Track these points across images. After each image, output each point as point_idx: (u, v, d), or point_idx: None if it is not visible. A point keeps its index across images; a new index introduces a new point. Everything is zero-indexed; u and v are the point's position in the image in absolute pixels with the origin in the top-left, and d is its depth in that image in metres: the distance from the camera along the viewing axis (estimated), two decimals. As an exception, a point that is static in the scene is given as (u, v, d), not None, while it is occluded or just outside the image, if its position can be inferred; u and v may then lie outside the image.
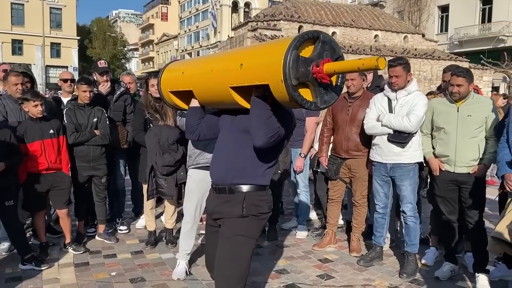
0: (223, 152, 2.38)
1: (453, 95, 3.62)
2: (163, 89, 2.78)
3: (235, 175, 2.31)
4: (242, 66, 2.07)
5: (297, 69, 1.85)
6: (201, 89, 2.44)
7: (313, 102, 1.95)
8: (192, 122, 2.57)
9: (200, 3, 56.44)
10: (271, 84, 1.92)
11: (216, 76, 2.28)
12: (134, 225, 5.15)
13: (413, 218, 3.85)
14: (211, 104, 2.52)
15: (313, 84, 1.92)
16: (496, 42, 27.95)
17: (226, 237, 2.30)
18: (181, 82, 2.59)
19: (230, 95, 2.19)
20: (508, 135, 3.23)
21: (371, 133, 3.90)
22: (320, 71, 1.87)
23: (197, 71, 2.50)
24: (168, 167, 4.20)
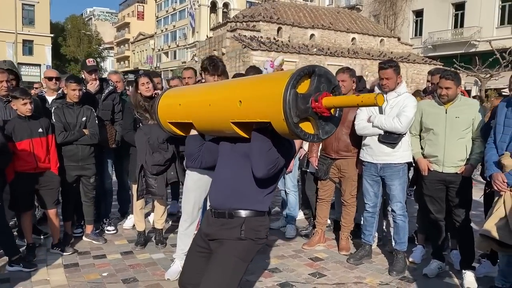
0: (223, 176, 2.36)
1: (442, 98, 3.73)
2: (161, 119, 2.75)
3: (235, 200, 2.29)
4: (241, 103, 2.08)
5: (297, 107, 1.87)
6: (200, 122, 2.44)
7: (315, 135, 1.98)
8: (193, 150, 2.54)
9: (177, 2, 56.11)
10: (273, 122, 1.94)
11: (215, 110, 2.27)
12: (121, 226, 5.09)
13: (402, 217, 3.94)
14: (212, 134, 2.53)
15: (314, 117, 1.95)
16: (468, 46, 28.80)
17: (221, 255, 2.27)
18: (180, 114, 2.57)
19: (231, 128, 2.20)
20: (495, 136, 3.36)
21: (362, 134, 3.98)
22: (319, 106, 1.90)
23: (195, 104, 2.47)
24: (158, 166, 4.18)
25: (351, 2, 36.90)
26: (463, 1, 29.41)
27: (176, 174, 4.32)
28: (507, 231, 3.06)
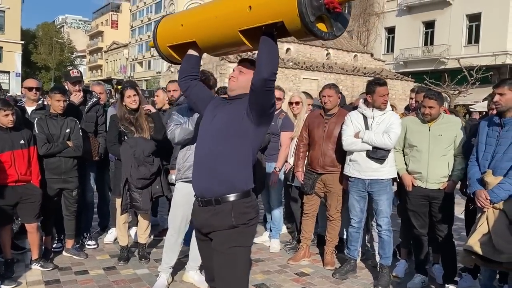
0: (203, 162, 2.36)
1: (425, 116, 3.85)
2: (161, 44, 2.74)
3: (220, 185, 2.29)
4: (251, 8, 2.10)
5: (311, 5, 1.91)
6: (205, 38, 2.44)
7: (329, 32, 2.03)
8: (185, 66, 2.62)
9: (152, 12, 55.87)
10: (286, 21, 1.97)
11: (222, 22, 2.29)
12: (102, 240, 4.97)
13: (387, 232, 4.01)
14: (216, 49, 2.56)
15: (326, 15, 1.99)
16: (437, 63, 29.75)
17: (220, 251, 2.29)
18: (182, 35, 2.56)
19: (238, 38, 2.23)
20: (477, 154, 3.48)
21: (350, 150, 4.04)
22: (332, 1, 1.94)
23: (199, 20, 2.48)
24: (143, 180, 4.13)
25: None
26: (433, 20, 30.46)
27: (161, 188, 4.28)
28: (490, 246, 3.15)
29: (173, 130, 3.54)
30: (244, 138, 2.30)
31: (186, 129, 3.45)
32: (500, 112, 3.35)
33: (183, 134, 3.47)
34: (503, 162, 3.26)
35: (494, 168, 3.31)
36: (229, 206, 2.28)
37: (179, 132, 3.48)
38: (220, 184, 2.29)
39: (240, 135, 2.29)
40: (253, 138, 2.33)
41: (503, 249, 3.10)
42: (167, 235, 3.82)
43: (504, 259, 3.12)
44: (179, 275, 3.99)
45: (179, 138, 3.50)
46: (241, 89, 2.43)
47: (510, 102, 3.28)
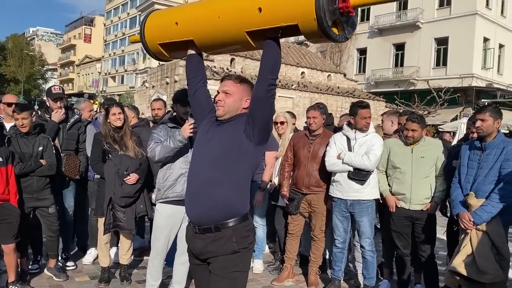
0: (201, 188, 2.29)
1: (408, 139, 3.96)
2: (149, 41, 2.64)
3: (219, 212, 2.25)
4: (261, 10, 2.07)
5: (328, 8, 1.92)
6: (204, 37, 2.38)
7: (341, 35, 2.04)
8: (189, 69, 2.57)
9: (127, 27, 55.55)
10: (301, 24, 1.97)
11: (226, 21, 2.23)
12: (81, 261, 4.82)
13: (371, 253, 4.06)
14: (214, 48, 2.50)
15: (339, 19, 2.00)
16: (407, 84, 30.63)
17: (221, 276, 2.25)
18: (177, 33, 2.48)
19: (241, 38, 2.19)
20: (459, 177, 3.60)
21: (332, 170, 4.10)
22: (347, 6, 1.96)
23: (198, 20, 2.41)
24: (126, 198, 4.06)
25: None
26: (403, 42, 31.45)
27: (145, 207, 4.21)
28: (474, 267, 3.24)
29: (153, 148, 3.48)
30: (243, 161, 2.27)
31: (167, 147, 3.40)
32: (481, 136, 3.48)
33: (164, 152, 3.42)
34: (485, 185, 3.38)
35: (476, 191, 3.42)
36: (230, 232, 2.24)
37: (160, 150, 3.43)
38: (220, 211, 2.24)
39: (240, 159, 2.25)
40: (252, 159, 2.31)
41: (487, 270, 3.19)
42: (150, 257, 3.75)
43: (487, 280, 3.21)
44: (162, 298, 3.91)
45: (159, 156, 3.45)
46: (231, 112, 2.36)
47: (491, 128, 3.42)
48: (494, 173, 3.36)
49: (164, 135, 3.58)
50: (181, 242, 3.79)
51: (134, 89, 44.76)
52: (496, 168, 3.36)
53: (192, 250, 2.38)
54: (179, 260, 3.83)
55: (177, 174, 3.57)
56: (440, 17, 29.42)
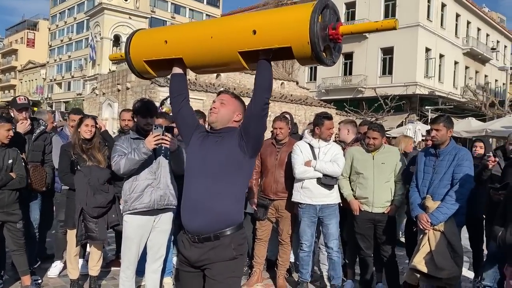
0: (201, 201, 2.38)
1: (369, 146, 4.24)
2: (134, 58, 2.67)
3: (219, 222, 2.36)
4: (256, 32, 2.16)
5: (320, 34, 2.06)
6: (195, 56, 2.43)
7: (330, 59, 2.19)
8: (174, 88, 2.60)
9: (73, 32, 53.79)
10: (294, 46, 2.08)
11: (219, 42, 2.30)
12: (46, 274, 4.71)
13: (337, 253, 4.29)
14: (204, 68, 2.58)
15: (329, 45, 2.16)
16: (356, 92, 31.79)
17: (219, 281, 2.35)
18: (165, 51, 2.52)
19: (234, 59, 2.28)
20: (417, 181, 3.90)
21: (303, 178, 4.29)
22: (336, 33, 2.12)
23: (189, 39, 2.45)
24: (99, 209, 4.04)
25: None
26: (351, 52, 32.64)
27: (118, 217, 4.21)
28: (432, 264, 3.54)
29: (118, 161, 3.49)
30: (239, 173, 2.40)
31: (132, 160, 3.42)
32: (436, 144, 3.81)
33: (129, 165, 3.43)
34: (440, 188, 3.70)
35: (432, 194, 3.74)
36: (229, 240, 2.36)
37: (125, 163, 3.44)
38: (219, 221, 2.35)
39: (237, 172, 2.38)
40: (247, 171, 2.45)
41: (444, 266, 3.49)
42: (122, 267, 3.75)
43: (444, 275, 3.51)
44: (136, 307, 3.92)
45: (124, 169, 3.46)
46: (222, 121, 2.48)
47: (444, 137, 3.75)
48: (448, 177, 3.69)
49: (128, 147, 3.59)
50: (151, 251, 3.84)
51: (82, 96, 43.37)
52: (449, 173, 3.69)
53: (187, 259, 2.44)
54: (151, 269, 3.87)
55: (143, 185, 3.60)
56: (385, 28, 30.84)
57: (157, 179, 3.65)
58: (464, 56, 34.78)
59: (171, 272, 4.63)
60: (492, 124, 17.23)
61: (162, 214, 3.73)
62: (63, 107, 48.12)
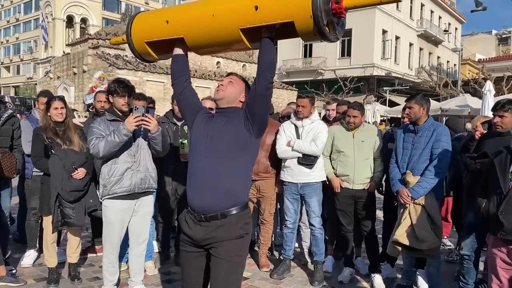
0: (207, 179, 2.37)
1: (349, 124, 4.30)
2: (136, 40, 2.62)
3: (226, 200, 2.35)
4: (258, 8, 2.13)
5: (324, 7, 2.03)
6: (197, 35, 2.39)
7: (333, 35, 2.16)
8: (176, 68, 2.56)
9: (21, 12, 50.97)
10: (297, 21, 2.05)
11: (220, 20, 2.27)
12: (19, 264, 4.53)
13: (320, 230, 4.37)
14: (205, 47, 2.52)
15: (332, 20, 2.12)
16: (316, 74, 32.19)
17: (225, 258, 2.34)
18: (167, 31, 2.48)
19: (235, 36, 2.24)
20: (396, 157, 4.01)
21: (283, 157, 4.33)
22: (340, 7, 2.09)
23: (190, 18, 2.42)
24: (76, 192, 3.91)
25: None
26: (311, 34, 32.87)
27: (95, 202, 4.09)
28: (413, 237, 3.66)
29: (96, 144, 3.36)
30: (246, 153, 2.39)
31: (112, 142, 3.31)
32: (412, 121, 3.92)
33: (109, 147, 3.32)
34: (419, 164, 3.81)
35: (412, 169, 3.84)
36: (236, 218, 2.35)
37: (104, 145, 3.32)
38: (226, 200, 2.34)
39: (243, 151, 2.37)
40: (253, 150, 2.43)
41: (425, 238, 3.63)
42: (105, 253, 3.67)
43: (425, 247, 3.65)
44: (121, 292, 3.86)
45: (104, 152, 3.34)
46: (228, 99, 2.46)
47: (418, 114, 3.86)
48: (427, 152, 3.81)
49: (105, 129, 3.48)
50: (134, 235, 3.78)
51: (34, 80, 41.40)
52: (428, 148, 3.81)
53: (192, 238, 2.42)
54: (134, 253, 3.82)
55: (123, 168, 3.51)
56: (344, 10, 31.20)
57: (137, 162, 3.57)
58: (418, 38, 35.85)
59: (151, 256, 4.58)
60: (446, 103, 18.00)
61: (142, 198, 3.67)
62: (13, 91, 45.80)
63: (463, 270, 3.80)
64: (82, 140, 4.07)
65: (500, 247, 2.80)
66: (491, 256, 2.88)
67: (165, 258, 4.81)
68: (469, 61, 37.55)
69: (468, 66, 36.71)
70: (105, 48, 21.85)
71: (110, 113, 3.61)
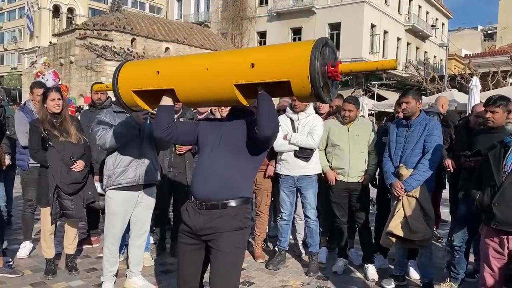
0: (214, 169, 2.43)
1: (345, 118, 4.38)
2: (122, 89, 2.57)
3: (229, 191, 2.42)
4: (254, 66, 2.13)
5: (320, 70, 2.05)
6: (189, 88, 2.36)
7: (327, 96, 2.17)
8: (165, 120, 2.48)
9: (4, 1, 49.92)
10: (293, 81, 2.06)
11: (214, 74, 2.25)
12: (15, 256, 4.53)
13: (315, 222, 4.45)
14: (197, 103, 2.50)
15: (327, 82, 2.15)
16: (304, 68, 32.22)
17: (224, 251, 2.39)
18: (157, 82, 2.43)
19: (229, 92, 2.22)
20: (390, 151, 4.10)
21: (280, 150, 4.39)
22: (336, 71, 2.11)
23: (183, 70, 2.38)
24: (75, 185, 3.95)
25: (200, 19, 37.99)
26: (300, 27, 32.90)
27: (93, 194, 4.11)
28: (407, 228, 3.77)
29: (103, 135, 3.42)
30: (252, 158, 2.47)
31: (119, 133, 3.37)
32: (407, 116, 4.01)
33: (116, 139, 3.38)
34: (412, 157, 3.91)
35: (405, 162, 3.94)
36: (235, 210, 2.41)
37: (111, 137, 3.38)
38: (228, 190, 2.41)
39: (249, 155, 2.46)
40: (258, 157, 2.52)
41: (418, 229, 3.74)
42: (106, 243, 3.71)
43: (418, 238, 3.76)
44: (119, 282, 3.90)
45: (110, 144, 3.41)
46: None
47: (414, 108, 3.95)
48: (420, 146, 3.91)
49: (111, 121, 3.54)
50: (135, 226, 3.82)
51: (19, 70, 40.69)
52: (421, 142, 3.91)
53: (192, 227, 2.46)
54: (134, 244, 3.86)
55: (128, 160, 3.56)
56: (333, 4, 31.26)
57: (142, 154, 3.62)
58: (406, 32, 36.09)
59: (148, 247, 4.62)
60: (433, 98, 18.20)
61: (145, 189, 3.71)
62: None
63: (454, 261, 3.93)
64: (79, 132, 4.09)
65: (492, 237, 2.91)
66: (484, 246, 2.99)
67: (161, 249, 4.85)
68: (455, 57, 37.94)
69: (454, 61, 37.09)
70: (92, 38, 21.62)
71: (117, 105, 3.65)
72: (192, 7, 39.52)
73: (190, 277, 2.57)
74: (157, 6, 52.12)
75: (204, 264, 2.58)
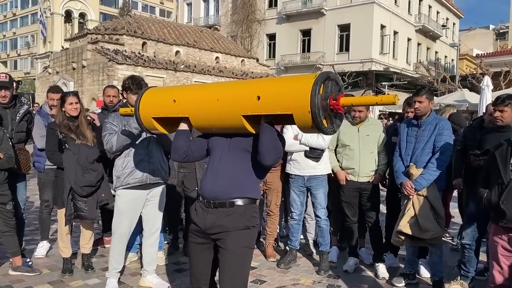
0: (223, 169, 2.50)
1: (355, 119, 4.43)
2: (143, 114, 2.76)
3: (236, 190, 2.48)
4: (260, 98, 2.25)
5: (321, 104, 2.13)
6: (201, 116, 2.52)
7: (330, 128, 2.25)
8: (181, 144, 2.62)
9: (18, 7, 50.75)
10: (295, 114, 2.16)
11: (224, 105, 2.40)
12: (33, 255, 4.65)
13: (325, 221, 4.51)
14: (209, 129, 2.62)
15: (330, 114, 2.23)
16: (314, 69, 32.16)
17: (231, 250, 2.44)
18: (173, 110, 2.62)
19: (238, 122, 2.36)
20: (400, 151, 4.14)
21: (291, 150, 4.45)
22: (337, 104, 2.20)
23: (198, 99, 2.56)
24: (89, 187, 4.04)
25: (210, 22, 38.23)
26: (309, 29, 32.94)
27: (106, 196, 4.21)
28: (417, 227, 3.81)
29: (110, 139, 3.55)
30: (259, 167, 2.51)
31: (123, 136, 3.49)
32: (418, 116, 4.04)
33: (121, 141, 3.51)
34: (422, 157, 3.95)
35: (415, 162, 3.98)
36: (242, 209, 2.47)
37: (116, 140, 3.51)
38: (236, 189, 2.47)
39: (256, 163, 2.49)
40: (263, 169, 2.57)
41: (428, 228, 3.78)
42: (113, 241, 3.82)
43: (428, 236, 3.80)
44: (134, 281, 3.99)
45: (117, 147, 3.53)
46: None
47: (427, 108, 3.99)
48: (430, 146, 3.94)
49: (118, 124, 3.64)
50: (147, 225, 3.92)
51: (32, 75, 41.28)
52: (431, 141, 3.94)
53: (201, 226, 2.52)
54: (147, 243, 3.96)
55: (136, 160, 3.68)
56: (342, 5, 31.25)
57: (149, 154, 3.72)
58: (416, 33, 35.93)
59: (162, 247, 4.71)
60: (445, 98, 18.12)
61: (154, 188, 3.82)
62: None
63: (464, 259, 3.96)
64: (95, 136, 4.19)
65: (501, 235, 2.93)
66: (493, 244, 3.02)
67: (174, 249, 4.94)
68: (466, 56, 37.66)
69: (465, 61, 36.82)
70: (104, 43, 21.87)
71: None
72: (202, 10, 39.82)
73: (201, 275, 2.63)
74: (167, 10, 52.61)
75: (215, 263, 2.63)
